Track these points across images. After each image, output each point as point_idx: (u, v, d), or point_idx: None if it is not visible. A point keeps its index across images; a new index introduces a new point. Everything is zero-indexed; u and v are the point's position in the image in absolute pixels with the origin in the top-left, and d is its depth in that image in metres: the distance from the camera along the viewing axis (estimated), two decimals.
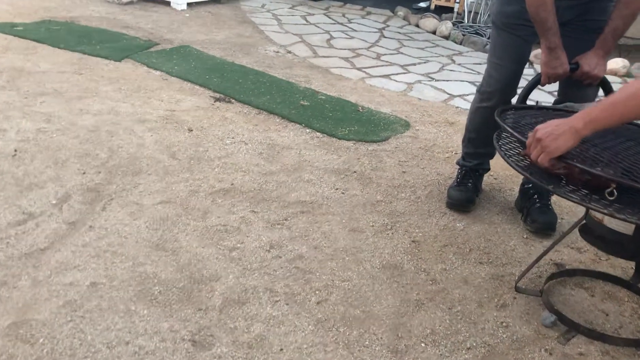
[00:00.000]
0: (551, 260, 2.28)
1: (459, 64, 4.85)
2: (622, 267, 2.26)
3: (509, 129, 1.82)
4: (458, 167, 2.68)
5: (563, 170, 1.64)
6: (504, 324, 1.93)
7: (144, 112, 3.25)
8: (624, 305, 2.06)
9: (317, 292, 2.01)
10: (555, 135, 1.57)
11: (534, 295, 2.06)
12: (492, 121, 2.48)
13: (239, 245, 2.20)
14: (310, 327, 1.85)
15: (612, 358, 1.82)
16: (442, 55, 5.07)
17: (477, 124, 2.54)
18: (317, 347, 1.78)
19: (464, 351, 1.80)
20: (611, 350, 1.85)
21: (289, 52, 4.71)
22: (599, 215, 1.84)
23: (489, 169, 2.67)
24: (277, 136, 3.16)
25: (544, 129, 1.61)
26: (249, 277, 2.04)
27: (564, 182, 1.66)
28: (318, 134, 3.24)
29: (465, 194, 2.57)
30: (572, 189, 1.63)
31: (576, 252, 2.35)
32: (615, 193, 1.51)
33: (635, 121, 1.91)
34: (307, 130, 3.27)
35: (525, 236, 2.42)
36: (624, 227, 1.78)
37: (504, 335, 1.88)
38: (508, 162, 1.78)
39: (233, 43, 4.76)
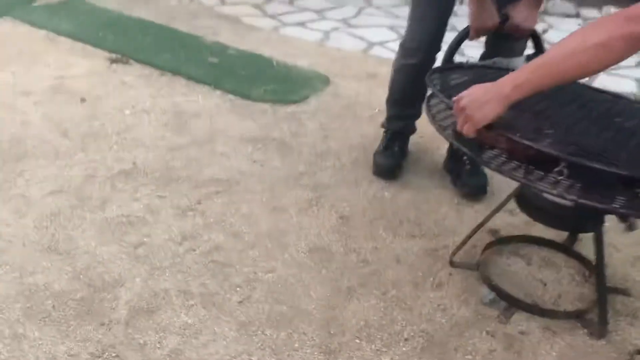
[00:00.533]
0: (486, 226, 2.16)
1: (377, 7, 4.60)
2: (555, 231, 2.17)
3: (440, 95, 1.64)
4: (383, 129, 2.49)
5: (505, 144, 1.47)
6: (441, 306, 1.80)
7: (27, 82, 2.83)
8: (561, 272, 1.98)
9: (238, 289, 1.80)
10: (480, 103, 1.38)
11: (470, 269, 1.94)
12: (418, 80, 2.28)
13: (145, 239, 1.94)
14: (232, 333, 1.65)
15: (553, 334, 1.73)
16: None
17: (401, 83, 2.35)
18: (242, 356, 1.58)
19: (401, 343, 1.66)
20: (552, 325, 1.76)
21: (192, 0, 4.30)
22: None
23: (415, 130, 2.49)
24: (184, 101, 2.84)
25: (467, 97, 1.41)
26: (159, 278, 1.80)
27: (505, 157, 1.50)
28: (230, 96, 2.95)
29: (392, 159, 2.40)
30: (513, 165, 1.47)
31: (509, 215, 2.23)
32: (566, 172, 1.37)
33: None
34: (218, 92, 2.97)
35: (456, 201, 2.29)
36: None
37: (443, 320, 1.75)
38: (444, 136, 1.60)
39: None
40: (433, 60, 2.23)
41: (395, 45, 2.42)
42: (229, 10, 4.16)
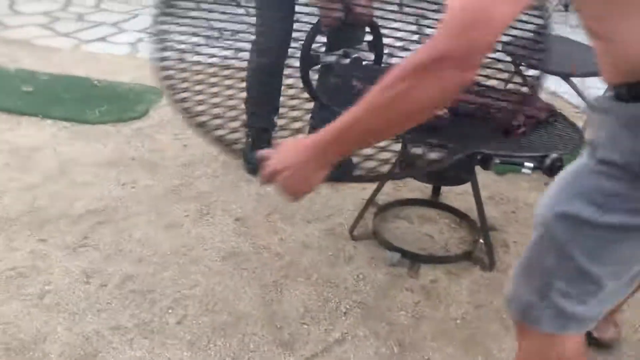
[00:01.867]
0: (362, 199, 2.37)
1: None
2: (420, 190, 2.45)
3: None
4: (246, 130, 2.55)
5: None
6: (360, 276, 1.96)
7: None
8: (439, 223, 2.28)
9: (170, 311, 1.74)
10: (297, 177, 1.07)
11: (369, 239, 2.13)
12: (273, 77, 2.41)
13: (47, 287, 1.77)
14: (185, 353, 1.61)
15: (456, 276, 2.00)
16: (148, 6, 4.70)
17: (258, 82, 2.43)
18: None
19: (343, 318, 1.79)
20: (452, 269, 2.03)
21: None
22: (418, 150, 1.96)
23: (277, 125, 2.59)
24: (15, 136, 2.57)
25: (281, 165, 1.09)
26: (83, 322, 1.66)
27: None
28: (64, 123, 2.74)
29: None
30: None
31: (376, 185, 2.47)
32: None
33: None
34: (49, 121, 2.74)
35: (332, 183, 2.46)
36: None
37: (367, 288, 1.91)
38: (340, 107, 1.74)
39: None
40: (285, 57, 2.35)
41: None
42: (15, 34, 3.80)
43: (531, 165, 1.89)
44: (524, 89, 2.05)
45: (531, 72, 2.23)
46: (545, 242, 1.08)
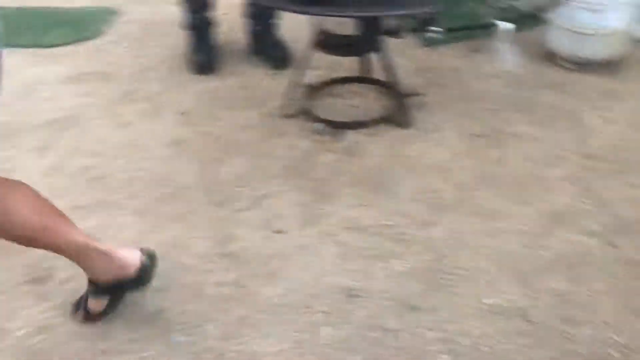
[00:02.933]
0: (300, 84, 2.60)
1: None
2: (352, 69, 2.66)
3: None
4: (187, 32, 2.75)
5: None
6: (290, 146, 2.23)
7: None
8: (366, 97, 2.51)
9: (120, 189, 2.04)
10: None
11: (300, 116, 2.38)
12: None
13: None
14: (134, 218, 1.92)
15: (375, 137, 2.25)
16: None
17: None
18: (150, 230, 1.87)
19: (271, 179, 2.07)
20: (373, 131, 2.28)
21: None
22: (329, 27, 2.17)
23: (215, 23, 2.77)
24: None
25: None
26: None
27: None
28: (27, 49, 2.97)
29: (204, 54, 2.70)
30: None
31: (313, 70, 2.68)
32: None
33: None
34: (12, 49, 2.96)
35: (271, 73, 2.69)
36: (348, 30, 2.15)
37: (295, 154, 2.18)
38: None
39: None
40: None
41: None
42: None
43: (440, 29, 2.11)
44: None
45: None
46: None
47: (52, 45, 3.00)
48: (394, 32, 2.25)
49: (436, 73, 2.63)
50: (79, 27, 3.17)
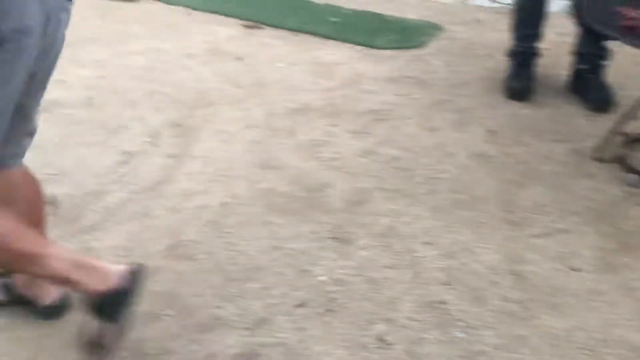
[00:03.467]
0: (622, 130, 2.47)
1: None
2: None
3: None
4: (510, 58, 2.81)
5: None
6: (596, 189, 2.14)
7: (186, 46, 3.28)
8: None
9: (422, 185, 2.18)
10: None
11: (614, 163, 2.26)
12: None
13: (336, 155, 2.35)
14: (426, 214, 2.03)
15: None
16: None
17: (523, 2, 2.67)
18: (438, 229, 1.96)
19: (573, 217, 2.01)
20: None
21: None
22: None
23: (539, 54, 2.79)
24: (323, 54, 3.23)
25: None
26: (356, 180, 2.20)
27: None
28: (358, 47, 3.31)
29: (523, 82, 2.73)
30: None
31: (637, 121, 2.53)
32: None
33: None
34: (347, 45, 3.34)
35: (588, 114, 2.60)
36: None
37: (601, 198, 2.09)
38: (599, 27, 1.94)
39: None
40: None
41: None
42: None
43: None
44: None
45: None
46: None
47: (379, 47, 3.31)
48: None
49: None
50: (405, 36, 3.44)
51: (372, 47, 3.33)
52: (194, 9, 3.86)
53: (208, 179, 2.19)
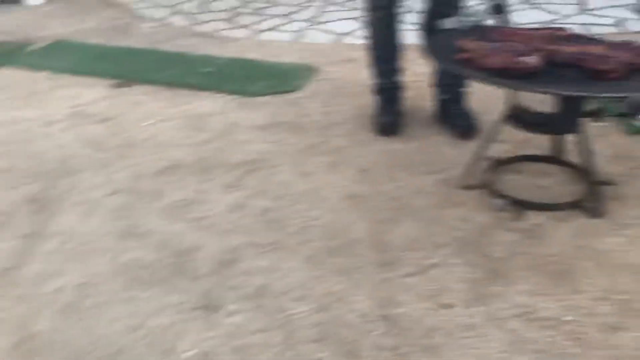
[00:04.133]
0: (484, 156, 2.52)
1: (339, 4, 4.98)
2: (543, 147, 2.54)
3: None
4: (375, 95, 2.84)
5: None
6: (465, 218, 2.15)
7: (49, 113, 3.10)
8: (555, 177, 2.36)
9: (296, 234, 2.11)
10: None
11: (480, 189, 2.30)
12: (391, 30, 2.65)
13: (206, 214, 2.25)
14: (301, 264, 1.96)
15: (562, 221, 2.10)
16: None
17: (378, 37, 2.71)
18: (311, 282, 1.90)
19: (441, 249, 2.00)
20: (558, 215, 2.13)
21: (168, 24, 4.61)
22: (524, 102, 2.09)
23: (403, 87, 2.83)
24: (195, 107, 3.15)
25: None
26: (228, 239, 2.11)
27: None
28: (233, 96, 3.27)
29: (390, 117, 2.75)
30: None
31: (500, 144, 2.60)
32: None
33: None
34: (221, 94, 3.29)
35: (454, 142, 2.65)
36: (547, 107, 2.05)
37: (469, 227, 2.10)
38: (440, 63, 1.97)
39: (108, 28, 4.56)
40: (396, 12, 2.62)
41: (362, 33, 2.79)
42: (203, 29, 4.48)
43: None
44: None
45: None
46: None
47: (254, 94, 3.27)
48: (594, 114, 2.11)
49: (638, 162, 2.41)
50: (279, 80, 3.43)
51: (246, 94, 3.28)
52: (59, 72, 3.69)
53: (64, 258, 2.03)
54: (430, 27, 2.47)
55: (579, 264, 1.90)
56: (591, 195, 2.14)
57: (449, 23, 2.46)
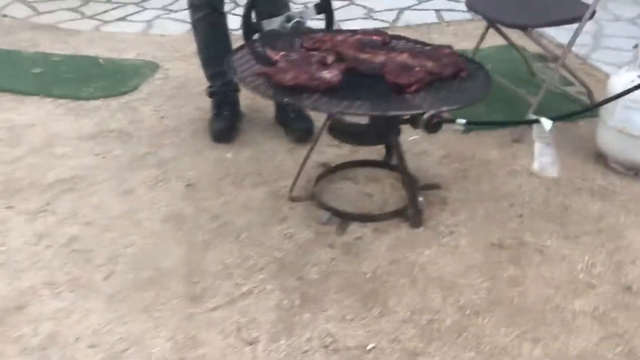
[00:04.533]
0: (318, 162, 2.44)
1: None
2: (377, 152, 2.48)
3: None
4: (210, 99, 2.67)
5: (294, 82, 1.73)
6: (287, 235, 2.05)
7: None
8: (383, 183, 2.31)
9: (101, 268, 1.93)
10: None
11: (308, 200, 2.21)
12: (216, 30, 2.49)
13: (1, 248, 2.01)
14: (101, 305, 1.79)
15: (382, 232, 2.05)
16: None
17: (202, 39, 2.55)
18: (113, 323, 1.73)
19: (257, 273, 1.89)
20: (381, 226, 2.08)
21: (5, 15, 4.18)
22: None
23: (237, 90, 2.68)
24: (14, 116, 2.85)
25: None
26: (22, 278, 1.89)
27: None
28: (61, 100, 2.99)
29: (225, 122, 2.60)
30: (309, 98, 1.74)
31: (336, 148, 2.51)
32: None
33: None
34: (48, 99, 3.00)
35: (290, 147, 2.54)
36: (361, 119, 1.96)
37: (290, 245, 2.00)
38: (243, 84, 1.83)
39: None
40: (220, 11, 2.47)
41: None
42: (45, 19, 4.10)
43: (462, 121, 1.89)
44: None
45: None
46: None
47: (85, 98, 3.00)
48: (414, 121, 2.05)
49: (466, 163, 2.40)
50: (116, 81, 3.17)
51: (77, 98, 3.01)
52: None
53: None
54: (249, 28, 2.32)
55: (393, 281, 1.85)
56: (412, 204, 2.09)
57: (270, 24, 2.32)
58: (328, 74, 1.75)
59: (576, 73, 2.77)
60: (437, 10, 3.89)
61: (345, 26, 3.77)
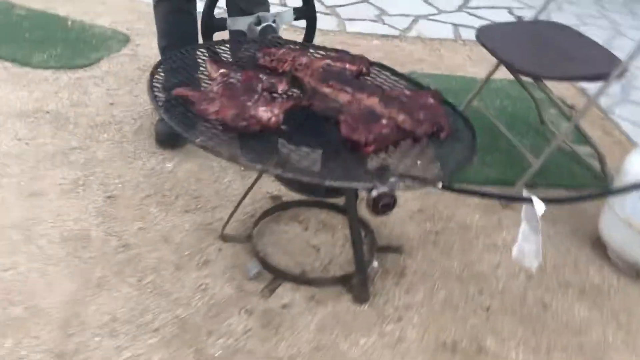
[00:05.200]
0: (267, 193, 2.06)
1: None
2: None
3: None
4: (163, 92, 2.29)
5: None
6: (202, 287, 1.69)
7: None
8: (337, 234, 1.93)
9: None
10: None
11: (242, 242, 1.84)
12: (178, 22, 2.15)
13: None
14: None
15: (317, 303, 1.68)
16: None
17: (164, 25, 2.19)
18: None
19: (148, 335, 1.54)
20: (318, 293, 1.71)
21: None
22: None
23: None
24: None
25: None
26: None
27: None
28: (7, 63, 2.63)
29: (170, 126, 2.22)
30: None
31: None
32: None
33: None
34: None
35: (243, 168, 2.17)
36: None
37: (200, 303, 1.64)
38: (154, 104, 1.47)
39: None
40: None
41: None
42: None
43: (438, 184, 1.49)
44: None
45: None
46: None
47: (35, 66, 2.63)
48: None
49: (440, 224, 2.01)
50: (76, 50, 2.80)
51: (25, 64, 2.64)
52: None
53: None
54: (210, 24, 1.93)
55: None
56: (359, 273, 1.72)
57: (235, 23, 1.94)
58: (265, 113, 1.37)
59: (592, 130, 2.36)
60: (454, 25, 3.45)
61: (351, 27, 3.36)
